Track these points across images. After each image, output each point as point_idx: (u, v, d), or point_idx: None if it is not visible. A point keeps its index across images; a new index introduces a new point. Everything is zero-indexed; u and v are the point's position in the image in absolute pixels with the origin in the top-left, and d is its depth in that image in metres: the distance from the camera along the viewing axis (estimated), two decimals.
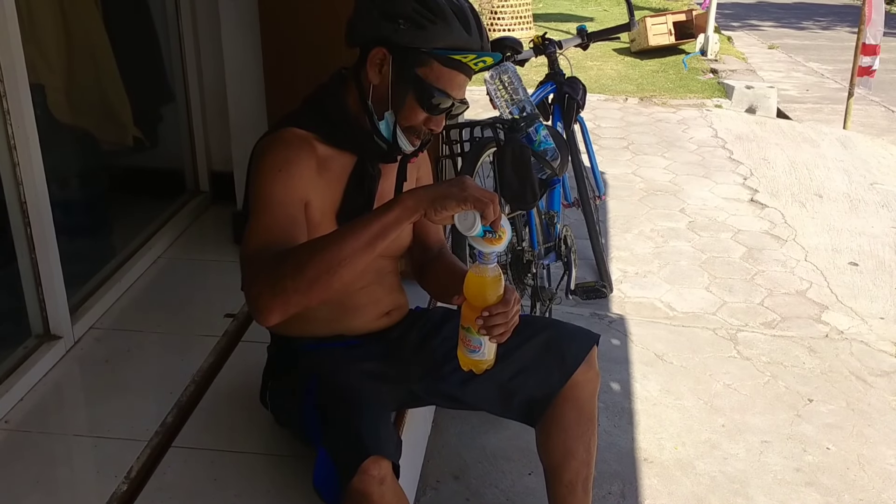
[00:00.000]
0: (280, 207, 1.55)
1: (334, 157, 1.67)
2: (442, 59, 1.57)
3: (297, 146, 1.62)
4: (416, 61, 1.57)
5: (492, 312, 1.49)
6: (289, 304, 1.43)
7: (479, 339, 1.53)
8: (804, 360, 3.15)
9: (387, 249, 1.79)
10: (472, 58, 1.58)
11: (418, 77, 1.57)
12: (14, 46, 2.10)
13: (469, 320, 1.52)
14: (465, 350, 1.56)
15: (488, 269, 1.48)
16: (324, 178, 1.65)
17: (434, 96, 1.58)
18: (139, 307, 2.60)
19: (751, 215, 4.65)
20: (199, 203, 3.30)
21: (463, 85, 1.63)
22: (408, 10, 1.55)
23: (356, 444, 1.48)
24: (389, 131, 1.63)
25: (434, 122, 1.63)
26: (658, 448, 2.61)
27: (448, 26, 1.56)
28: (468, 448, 2.57)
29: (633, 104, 7.15)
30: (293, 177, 1.58)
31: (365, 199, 1.70)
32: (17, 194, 2.19)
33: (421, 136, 1.65)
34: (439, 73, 1.58)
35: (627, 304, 3.58)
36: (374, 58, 1.59)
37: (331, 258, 1.40)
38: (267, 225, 1.52)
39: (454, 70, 1.59)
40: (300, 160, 1.60)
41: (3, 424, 2.03)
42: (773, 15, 13.40)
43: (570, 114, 3.12)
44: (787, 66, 9.38)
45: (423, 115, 1.61)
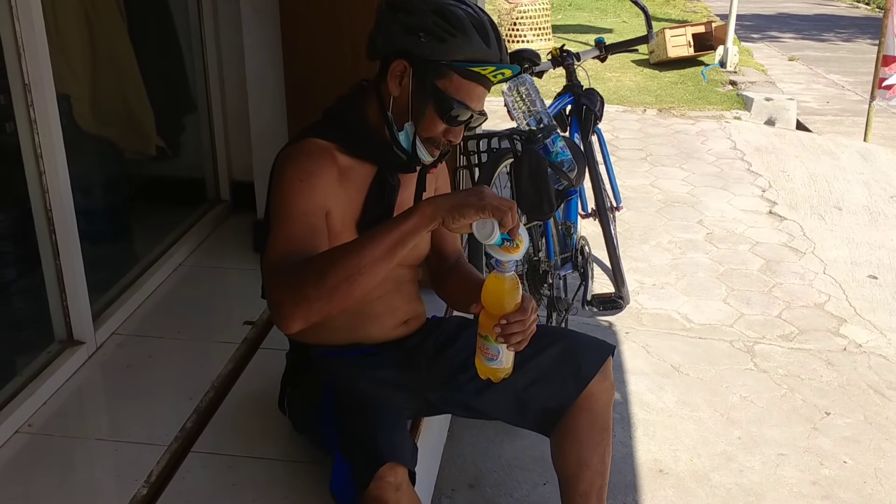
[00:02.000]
0: (302, 217, 1.57)
1: (355, 168, 1.70)
2: (461, 71, 1.59)
3: (319, 156, 1.64)
4: (436, 73, 1.60)
5: (509, 320, 1.50)
6: (310, 312, 1.46)
7: (497, 347, 1.54)
8: (822, 373, 3.14)
9: (405, 258, 1.81)
10: (491, 70, 1.60)
11: (438, 89, 1.60)
12: (42, 58, 2.15)
13: (487, 328, 1.53)
14: (483, 359, 1.57)
15: (506, 278, 1.49)
16: (344, 188, 1.68)
17: (453, 108, 1.61)
18: (160, 314, 2.64)
19: (769, 227, 4.64)
20: (220, 212, 3.35)
21: (482, 97, 1.65)
22: (428, 24, 1.58)
23: (372, 451, 1.50)
24: (409, 142, 1.66)
25: (453, 134, 1.66)
26: (673, 459, 2.61)
27: (468, 39, 1.58)
28: (483, 457, 2.58)
29: (652, 115, 7.15)
30: (314, 187, 1.61)
31: (384, 208, 1.72)
32: (43, 202, 2.23)
33: (440, 146, 1.67)
34: (459, 85, 1.60)
35: (644, 315, 3.59)
36: (394, 70, 1.62)
37: (351, 266, 1.43)
38: (288, 235, 1.55)
39: (473, 82, 1.61)
40: (322, 170, 1.63)
41: (26, 428, 2.06)
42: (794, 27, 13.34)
43: (588, 125, 3.13)
44: (808, 77, 9.34)
45: (442, 126, 1.63)
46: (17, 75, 2.12)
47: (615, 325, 3.46)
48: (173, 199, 3.30)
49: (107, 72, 3.04)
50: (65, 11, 2.79)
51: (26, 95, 2.13)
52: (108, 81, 3.06)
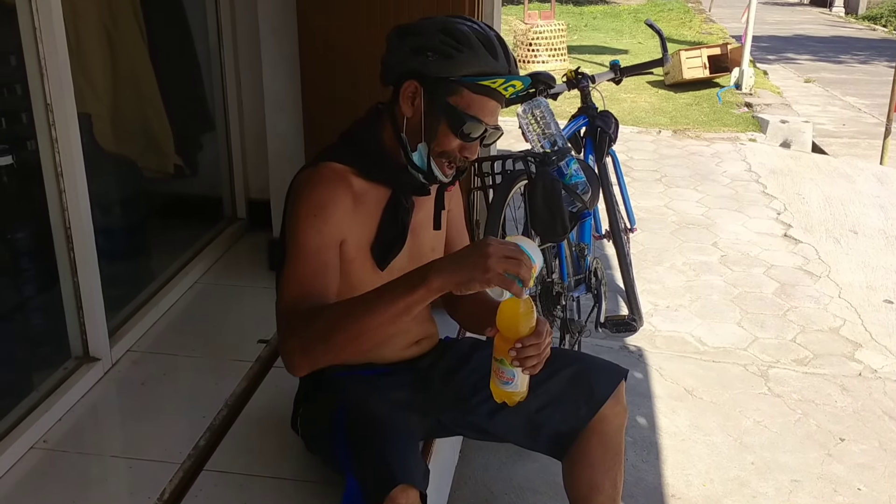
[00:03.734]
0: (313, 256, 1.61)
1: (369, 191, 1.71)
2: (471, 86, 1.61)
3: (334, 184, 1.66)
4: (447, 90, 1.62)
5: (525, 344, 1.51)
6: (317, 363, 1.57)
7: (512, 370, 1.54)
8: (836, 398, 3.12)
9: None
10: (500, 82, 1.62)
11: (449, 105, 1.62)
12: (64, 78, 2.18)
13: (502, 352, 1.54)
14: (499, 382, 1.57)
15: (521, 302, 1.50)
16: (359, 213, 1.69)
17: (466, 122, 1.62)
18: (175, 331, 2.66)
19: (784, 250, 4.62)
20: (236, 230, 3.37)
21: (495, 111, 1.67)
22: (435, 42, 1.60)
23: (385, 473, 1.50)
24: (423, 161, 1.67)
25: (468, 150, 1.67)
26: (686, 484, 2.60)
27: (474, 53, 1.60)
28: (495, 479, 2.58)
29: (667, 137, 7.15)
30: (327, 222, 1.63)
31: (398, 232, 1.74)
32: (63, 220, 2.26)
33: (455, 162, 1.68)
34: (470, 100, 1.62)
35: (657, 337, 3.58)
36: (406, 91, 1.64)
37: (358, 328, 1.49)
38: (300, 276, 1.60)
39: (484, 96, 1.63)
40: (336, 200, 1.65)
41: (42, 444, 2.08)
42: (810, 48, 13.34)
43: (602, 147, 3.14)
44: (824, 100, 9.33)
45: (456, 142, 1.65)
46: (40, 95, 2.16)
47: (628, 348, 3.45)
48: (190, 216, 3.33)
49: (127, 91, 3.09)
50: (86, 32, 2.84)
51: (48, 115, 2.17)
52: (127, 101, 3.10)
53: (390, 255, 1.74)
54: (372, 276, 1.73)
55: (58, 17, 2.15)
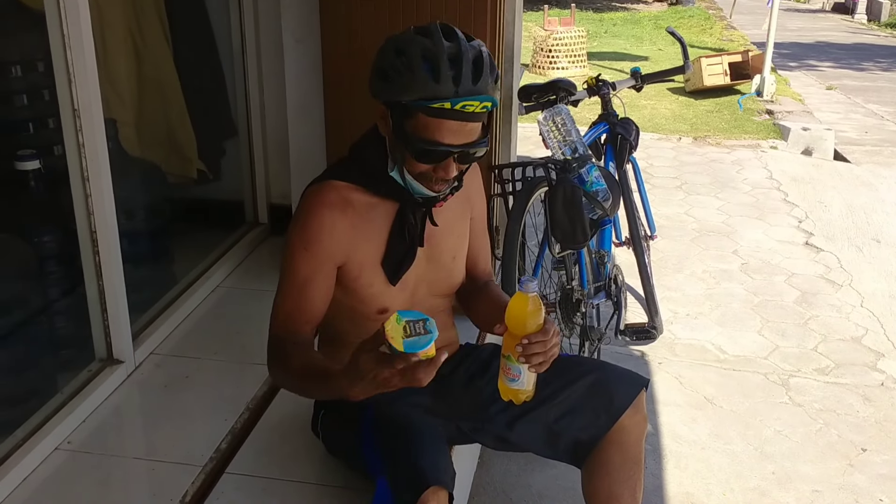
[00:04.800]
0: (299, 287, 1.68)
1: (377, 206, 1.71)
2: (423, 109, 1.54)
3: (329, 211, 1.67)
4: (403, 113, 1.58)
5: (531, 340, 1.53)
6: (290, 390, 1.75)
7: (518, 367, 1.56)
8: (858, 408, 3.10)
9: (439, 289, 1.84)
10: (449, 105, 1.53)
11: (406, 130, 1.58)
12: (91, 84, 2.21)
13: (509, 348, 1.56)
14: (505, 379, 1.59)
15: (529, 298, 1.53)
16: (363, 233, 1.70)
17: (419, 148, 1.57)
18: (198, 334, 2.68)
19: (805, 259, 4.59)
20: (258, 235, 3.40)
21: (461, 130, 1.57)
22: (386, 64, 1.57)
23: (416, 475, 1.52)
24: (401, 180, 1.66)
25: (441, 170, 1.61)
26: (706, 493, 2.59)
27: (414, 76, 1.53)
28: (514, 486, 2.58)
29: (687, 144, 7.12)
30: (317, 254, 1.66)
31: (408, 246, 1.73)
32: (88, 224, 2.29)
33: (436, 182, 1.64)
34: (426, 123, 1.56)
35: (677, 345, 3.57)
36: (379, 112, 1.65)
37: (304, 391, 1.70)
38: (285, 306, 1.70)
39: (441, 118, 1.55)
40: (330, 229, 1.66)
41: (66, 445, 2.11)
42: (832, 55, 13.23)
43: (623, 154, 3.14)
44: (846, 107, 9.26)
45: (423, 165, 1.61)
46: (67, 101, 2.19)
47: (648, 355, 3.44)
48: (213, 221, 3.36)
49: (152, 98, 3.12)
50: (113, 39, 2.88)
51: (75, 120, 2.20)
52: (153, 107, 3.14)
53: (401, 270, 1.74)
54: (385, 290, 1.74)
55: (86, 24, 2.18)
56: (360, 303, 1.76)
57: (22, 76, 2.47)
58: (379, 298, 1.75)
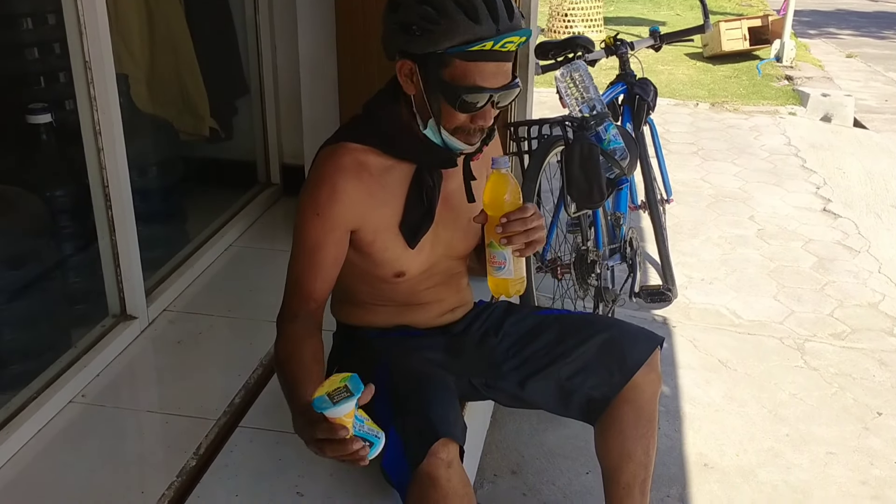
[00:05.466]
0: (309, 254, 1.65)
1: (393, 169, 1.67)
2: (461, 55, 1.51)
3: (343, 176, 1.62)
4: (438, 64, 1.52)
5: (509, 219, 1.53)
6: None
7: (502, 252, 1.56)
8: (874, 372, 3.07)
9: (456, 251, 1.81)
10: (491, 45, 1.50)
11: (444, 81, 1.53)
12: (102, 37, 2.19)
13: (491, 233, 1.56)
14: (492, 269, 1.59)
15: (505, 175, 1.53)
16: (378, 196, 1.65)
17: (462, 96, 1.53)
18: (211, 292, 2.68)
19: (823, 225, 4.54)
20: (270, 195, 3.38)
21: (498, 72, 1.54)
22: (415, 17, 1.52)
23: (426, 427, 1.51)
24: (438, 137, 1.61)
25: (480, 118, 1.58)
26: (719, 454, 2.58)
27: (453, 23, 1.49)
28: (526, 444, 2.58)
29: (704, 109, 7.04)
30: (329, 218, 1.62)
31: (426, 208, 1.69)
32: (101, 178, 2.28)
33: (473, 133, 1.60)
34: (465, 70, 1.52)
35: (692, 309, 3.54)
36: (402, 70, 1.59)
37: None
38: (295, 272, 1.69)
39: (480, 61, 1.52)
40: (342, 195, 1.61)
41: (80, 398, 2.12)
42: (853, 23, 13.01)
43: (641, 115, 3.09)
44: (866, 75, 9.11)
45: (463, 115, 1.57)
46: (79, 54, 2.17)
47: (662, 319, 3.42)
48: (225, 180, 3.35)
49: (163, 54, 3.10)
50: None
51: (87, 73, 2.18)
52: (164, 63, 3.11)
53: (419, 233, 1.70)
54: (404, 253, 1.71)
55: None
56: (376, 266, 1.73)
57: (33, 29, 2.45)
58: (396, 262, 1.73)
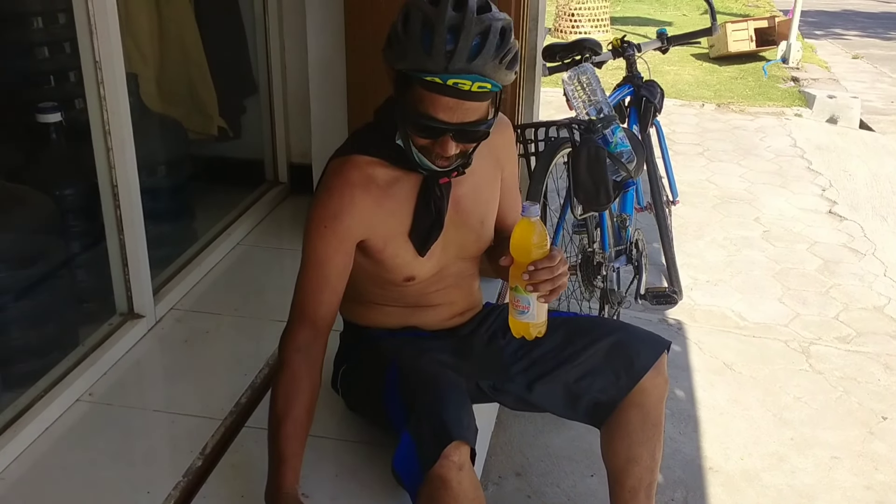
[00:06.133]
0: (317, 267, 1.66)
1: (401, 179, 1.67)
2: (419, 81, 1.46)
3: (352, 188, 1.62)
4: (403, 83, 1.50)
5: (537, 267, 1.51)
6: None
7: (527, 298, 1.54)
8: (879, 376, 3.08)
9: (468, 252, 1.81)
10: (439, 81, 1.43)
11: (406, 100, 1.50)
12: (113, 36, 2.19)
13: (516, 279, 1.54)
14: (515, 312, 1.57)
15: (533, 223, 1.50)
16: (387, 207, 1.66)
17: (415, 121, 1.50)
18: (218, 291, 2.68)
19: (828, 227, 4.54)
20: (278, 193, 3.39)
21: (457, 108, 1.47)
22: (393, 27, 1.50)
23: (441, 429, 1.51)
24: (410, 152, 1.59)
25: (439, 146, 1.53)
26: (724, 457, 2.59)
27: (406, 44, 1.44)
28: (531, 446, 2.58)
29: (710, 110, 7.04)
30: (337, 232, 1.63)
31: (434, 218, 1.69)
32: (110, 178, 2.28)
33: (438, 157, 1.56)
34: (421, 96, 1.47)
35: (697, 311, 3.54)
36: (389, 75, 1.56)
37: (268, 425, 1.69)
38: (303, 285, 1.69)
39: (434, 93, 1.45)
40: (351, 208, 1.62)
41: (87, 397, 2.12)
42: (859, 24, 12.98)
43: (647, 117, 3.09)
44: (872, 76, 9.10)
45: (422, 140, 1.54)
46: (89, 53, 2.17)
47: (667, 321, 3.42)
48: (233, 179, 3.35)
49: (173, 53, 3.10)
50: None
51: (97, 73, 2.18)
52: (174, 62, 3.11)
53: (429, 241, 1.71)
54: (413, 259, 1.72)
55: None
56: (387, 272, 1.74)
57: (43, 28, 2.46)
58: (406, 268, 1.73)
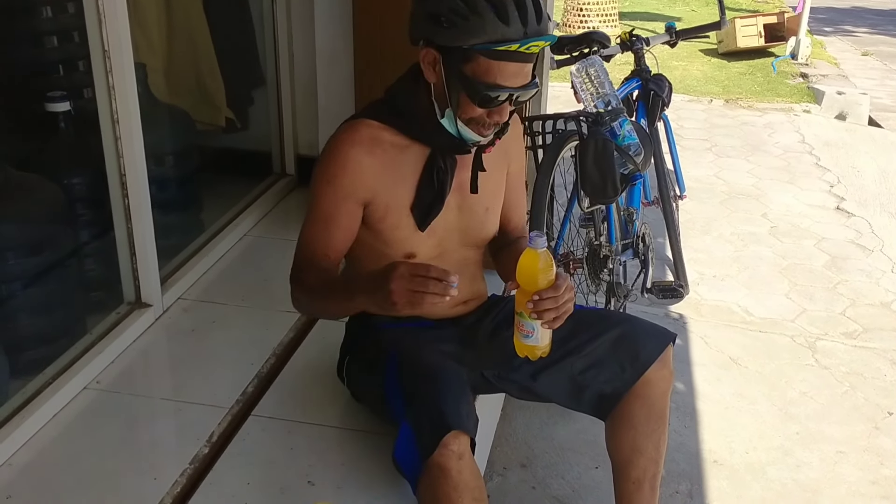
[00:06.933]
0: (322, 221, 1.69)
1: (408, 149, 1.70)
2: (486, 52, 1.53)
3: (358, 148, 1.66)
4: (461, 59, 1.55)
5: (542, 297, 1.52)
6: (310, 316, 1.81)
7: (531, 324, 1.55)
8: (886, 372, 3.07)
9: (471, 240, 1.82)
10: (516, 47, 1.53)
11: (465, 75, 1.56)
12: (122, 25, 2.20)
13: (521, 305, 1.55)
14: (520, 335, 1.59)
15: (539, 254, 1.51)
16: (392, 173, 1.69)
17: (481, 93, 1.56)
18: (225, 281, 2.70)
19: (836, 223, 4.52)
20: (285, 185, 3.40)
21: (520, 72, 1.57)
22: (445, 9, 1.53)
23: (438, 419, 1.52)
24: (453, 127, 1.64)
25: (496, 114, 1.61)
26: (728, 451, 2.58)
27: (482, 20, 1.51)
28: (536, 438, 2.59)
29: (718, 106, 7.01)
30: (340, 188, 1.67)
31: (437, 192, 1.71)
32: (118, 167, 2.29)
33: (487, 126, 1.63)
34: (487, 67, 1.55)
35: (703, 306, 3.54)
36: (425, 58, 1.61)
37: (322, 311, 1.89)
38: (307, 238, 1.73)
39: (502, 61, 1.54)
40: (356, 165, 1.65)
41: (94, 385, 2.14)
42: (869, 21, 12.91)
43: (655, 111, 3.09)
44: (882, 73, 9.05)
45: (479, 109, 1.60)
46: (98, 42, 2.18)
47: (673, 315, 3.42)
48: (240, 170, 3.36)
49: (181, 44, 3.11)
50: None
51: (105, 62, 2.19)
52: (182, 53, 3.12)
53: (429, 216, 1.73)
54: (413, 234, 1.73)
55: None
56: (387, 246, 1.75)
57: (52, 17, 2.46)
58: (406, 243, 1.75)
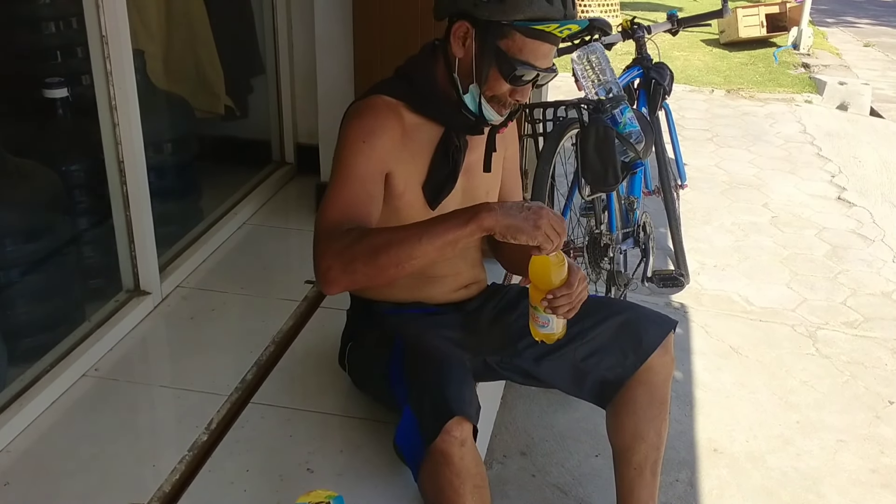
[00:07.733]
0: (359, 182, 1.61)
1: (422, 127, 1.70)
2: (524, 30, 1.56)
3: (384, 115, 1.65)
4: (498, 34, 1.57)
5: (556, 295, 1.56)
6: (355, 283, 1.55)
7: (546, 316, 1.59)
8: (886, 361, 3.06)
9: None
10: (555, 26, 1.56)
11: (500, 50, 1.58)
12: (119, 11, 2.19)
13: (536, 300, 1.57)
14: (535, 325, 1.63)
15: (551, 256, 1.52)
16: (409, 149, 1.68)
17: (516, 69, 1.58)
18: (224, 269, 2.69)
19: (837, 213, 4.51)
20: (285, 174, 3.39)
21: (548, 54, 1.61)
22: None
23: (441, 404, 1.52)
24: (475, 104, 1.65)
25: (519, 93, 1.64)
26: (729, 439, 2.58)
27: None
28: (536, 426, 2.58)
29: (720, 96, 6.99)
30: (375, 149, 1.62)
31: (450, 171, 1.72)
32: (116, 154, 2.28)
33: (507, 106, 1.66)
34: (522, 45, 1.57)
35: (704, 295, 3.53)
36: (457, 32, 1.61)
37: (404, 254, 1.48)
38: (344, 199, 1.59)
39: (537, 40, 1.58)
40: (385, 130, 1.64)
41: (93, 372, 2.13)
42: (871, 12, 12.87)
43: (656, 99, 3.07)
44: (884, 64, 9.03)
45: (507, 86, 1.62)
46: (95, 28, 2.17)
47: (674, 304, 3.41)
48: (240, 159, 3.35)
49: (180, 31, 3.09)
50: None
51: (103, 48, 2.18)
52: (180, 40, 3.11)
53: (442, 194, 1.73)
54: (422, 213, 1.72)
55: None
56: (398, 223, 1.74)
57: (50, 3, 2.45)
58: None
